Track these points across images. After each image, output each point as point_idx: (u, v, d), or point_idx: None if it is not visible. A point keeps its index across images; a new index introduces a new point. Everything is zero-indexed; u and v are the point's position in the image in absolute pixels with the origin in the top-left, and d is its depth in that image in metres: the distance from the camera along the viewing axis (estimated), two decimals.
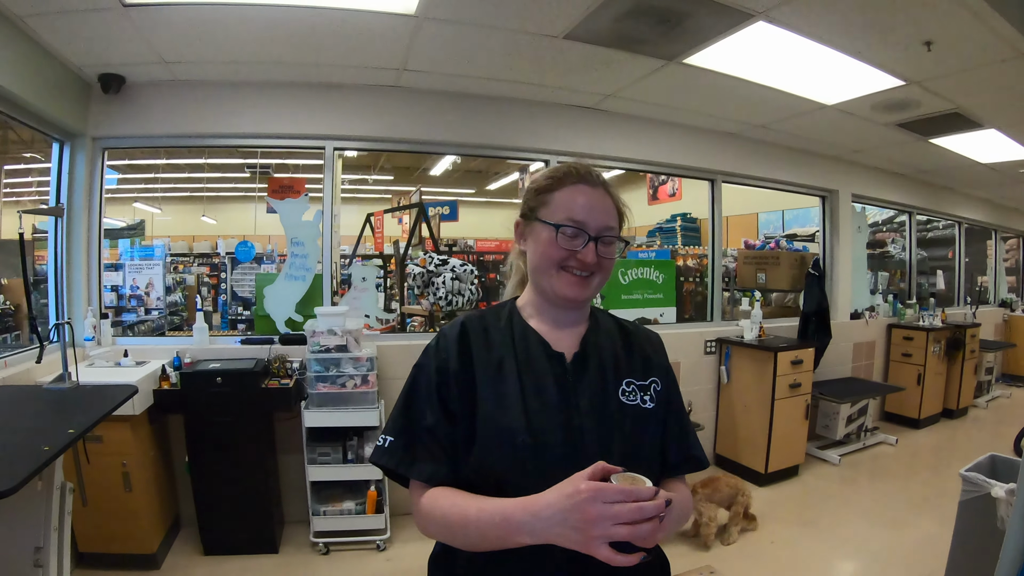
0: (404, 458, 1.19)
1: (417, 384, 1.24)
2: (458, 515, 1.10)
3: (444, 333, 1.29)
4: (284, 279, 4.14)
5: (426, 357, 1.26)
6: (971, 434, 6.60)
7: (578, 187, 1.23)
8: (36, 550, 2.41)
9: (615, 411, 1.21)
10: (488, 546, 1.07)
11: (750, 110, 4.72)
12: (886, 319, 6.96)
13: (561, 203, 1.22)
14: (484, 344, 1.25)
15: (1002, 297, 9.87)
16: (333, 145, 4.20)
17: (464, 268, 4.77)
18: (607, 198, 1.25)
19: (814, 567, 3.66)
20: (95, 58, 3.52)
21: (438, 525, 1.14)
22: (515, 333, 1.27)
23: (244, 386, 3.52)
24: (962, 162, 6.34)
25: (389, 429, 1.23)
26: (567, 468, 1.05)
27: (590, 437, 1.16)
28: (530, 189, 1.30)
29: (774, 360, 4.80)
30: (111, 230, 6.68)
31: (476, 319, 1.30)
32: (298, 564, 3.58)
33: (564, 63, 3.76)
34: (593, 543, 0.92)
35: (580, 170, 1.25)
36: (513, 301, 1.36)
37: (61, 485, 2.54)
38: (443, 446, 1.17)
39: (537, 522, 0.98)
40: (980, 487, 2.50)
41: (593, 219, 1.20)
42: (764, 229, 8.48)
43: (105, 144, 3.97)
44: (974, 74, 3.86)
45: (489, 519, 1.05)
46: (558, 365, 1.23)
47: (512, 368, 1.21)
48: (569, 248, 1.20)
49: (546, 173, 1.29)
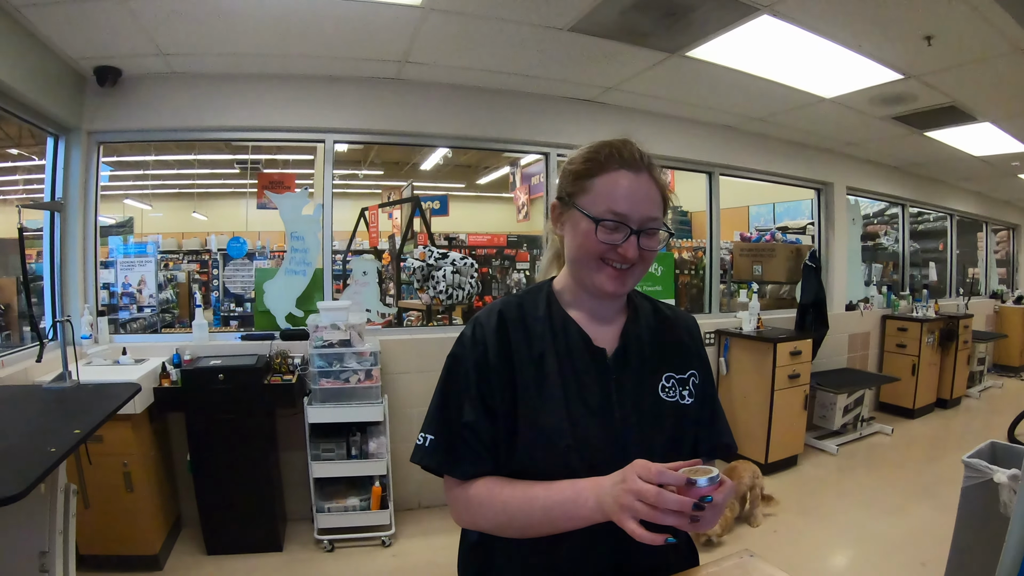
0: (447, 459, 1.15)
1: (454, 377, 1.19)
2: (522, 496, 1.09)
3: (481, 323, 1.22)
4: (284, 274, 4.10)
5: (461, 347, 1.21)
6: (965, 423, 6.67)
7: (621, 173, 1.13)
8: (41, 555, 2.36)
9: (656, 409, 1.19)
10: (551, 526, 1.06)
11: (749, 103, 4.73)
12: (880, 310, 7.01)
13: (602, 191, 1.13)
14: (524, 337, 1.19)
15: (993, 288, 9.97)
16: (332, 138, 4.17)
17: (464, 262, 4.75)
18: (652, 184, 1.16)
19: (817, 555, 3.68)
20: (92, 50, 3.46)
21: (496, 511, 1.11)
22: (555, 324, 1.21)
23: (246, 383, 3.48)
24: (956, 155, 6.40)
25: (428, 426, 1.19)
26: (611, 469, 1.05)
27: (633, 438, 1.14)
28: (567, 171, 1.21)
29: (774, 351, 4.82)
30: (102, 227, 6.59)
31: (514, 307, 1.23)
32: (303, 562, 3.56)
33: (568, 56, 3.75)
34: (622, 514, 0.93)
35: (623, 153, 1.14)
36: (550, 284, 1.30)
37: (65, 487, 2.50)
38: (485, 443, 1.14)
39: (601, 492, 0.99)
40: (982, 473, 2.51)
41: (636, 210, 1.12)
42: (755, 222, 8.50)
43: (100, 138, 3.91)
44: (972, 68, 3.88)
45: (559, 493, 1.05)
46: (600, 361, 1.19)
47: (553, 365, 1.17)
48: (609, 242, 1.12)
49: (585, 153, 1.19)
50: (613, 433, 1.14)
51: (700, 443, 1.25)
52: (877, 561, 3.57)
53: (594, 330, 1.22)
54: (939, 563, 2.70)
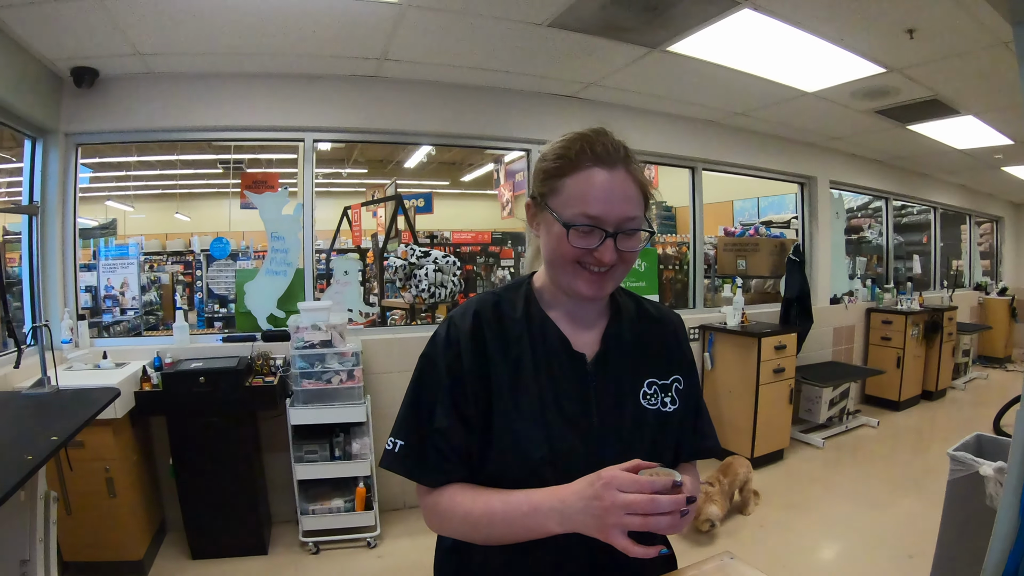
0: (417, 465, 1.12)
1: (426, 379, 1.15)
2: (482, 509, 1.06)
3: (455, 323, 1.16)
4: (265, 274, 4.06)
5: (434, 348, 1.16)
6: (950, 415, 6.71)
7: (593, 171, 1.05)
8: (22, 563, 2.34)
9: (637, 417, 1.15)
10: (514, 538, 1.04)
11: (731, 98, 4.73)
12: (865, 303, 7.05)
13: (574, 192, 1.05)
14: (500, 339, 1.14)
15: (977, 280, 10.04)
16: (312, 137, 4.14)
17: (446, 260, 4.73)
18: (628, 180, 1.07)
19: (804, 549, 3.69)
20: (68, 51, 3.41)
21: (459, 521, 1.09)
22: (533, 326, 1.16)
23: (227, 385, 3.44)
24: (938, 148, 6.43)
25: (398, 430, 1.15)
26: None
27: (610, 448, 1.10)
28: (539, 169, 1.14)
29: (758, 345, 4.83)
30: (84, 229, 6.54)
31: (490, 307, 1.18)
32: (288, 565, 3.53)
33: (547, 52, 3.73)
34: (610, 531, 0.90)
35: (596, 147, 1.06)
36: (530, 281, 1.24)
37: (45, 494, 2.47)
38: (456, 450, 1.10)
39: (564, 508, 0.97)
40: (968, 466, 2.51)
41: (612, 211, 1.04)
42: (739, 217, 8.53)
43: (79, 140, 3.86)
44: (954, 61, 3.90)
45: (516, 509, 1.02)
46: (579, 367, 1.14)
47: (530, 370, 1.12)
48: (584, 246, 1.05)
49: (556, 150, 1.11)
50: (591, 444, 1.10)
51: (682, 447, 1.22)
52: (864, 554, 3.58)
53: (574, 333, 1.18)
54: (926, 556, 2.71)
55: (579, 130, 1.12)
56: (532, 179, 1.18)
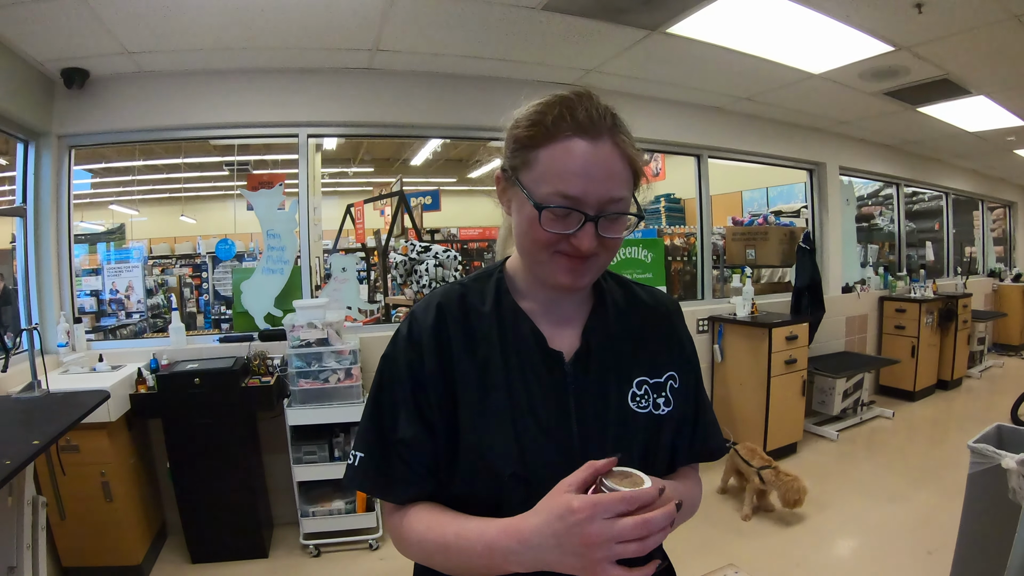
0: (378, 481, 1.00)
1: (386, 384, 1.02)
2: (435, 540, 0.93)
3: (416, 317, 1.03)
4: (261, 273, 4.00)
5: (395, 347, 1.03)
6: (967, 405, 6.57)
7: (573, 142, 0.89)
8: (9, 570, 2.29)
9: (624, 423, 1.01)
10: (477, 574, 0.91)
11: (735, 82, 4.61)
12: (877, 292, 6.91)
13: (549, 167, 0.90)
14: (465, 336, 1.01)
15: (990, 267, 9.87)
16: (307, 132, 4.06)
17: (447, 254, 4.64)
18: (614, 153, 0.91)
19: (819, 545, 3.59)
20: (56, 52, 3.35)
21: (417, 549, 0.97)
22: (504, 321, 1.02)
23: (223, 386, 3.38)
24: (950, 131, 6.29)
25: (358, 442, 1.03)
26: None
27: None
28: (510, 137, 0.98)
29: (769, 336, 4.72)
30: (91, 235, 6.57)
31: (456, 299, 1.04)
32: (289, 568, 3.47)
33: (542, 37, 3.63)
34: (599, 567, 0.77)
35: (577, 113, 0.90)
36: (502, 269, 1.10)
37: (32, 499, 2.42)
38: (423, 461, 0.98)
39: (527, 550, 0.83)
40: (990, 459, 2.41)
41: (593, 190, 0.88)
42: (748, 207, 8.42)
43: (72, 142, 3.82)
44: (965, 38, 3.77)
45: (470, 547, 0.89)
46: (556, 368, 1.00)
47: (500, 373, 0.98)
48: (559, 231, 0.90)
49: (530, 114, 0.94)
50: (570, 456, 0.95)
51: (678, 450, 1.09)
52: (881, 550, 3.47)
53: (551, 327, 1.04)
54: (946, 551, 2.62)
55: (559, 92, 0.96)
56: (504, 146, 1.01)
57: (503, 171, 1.00)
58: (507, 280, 1.08)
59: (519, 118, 0.97)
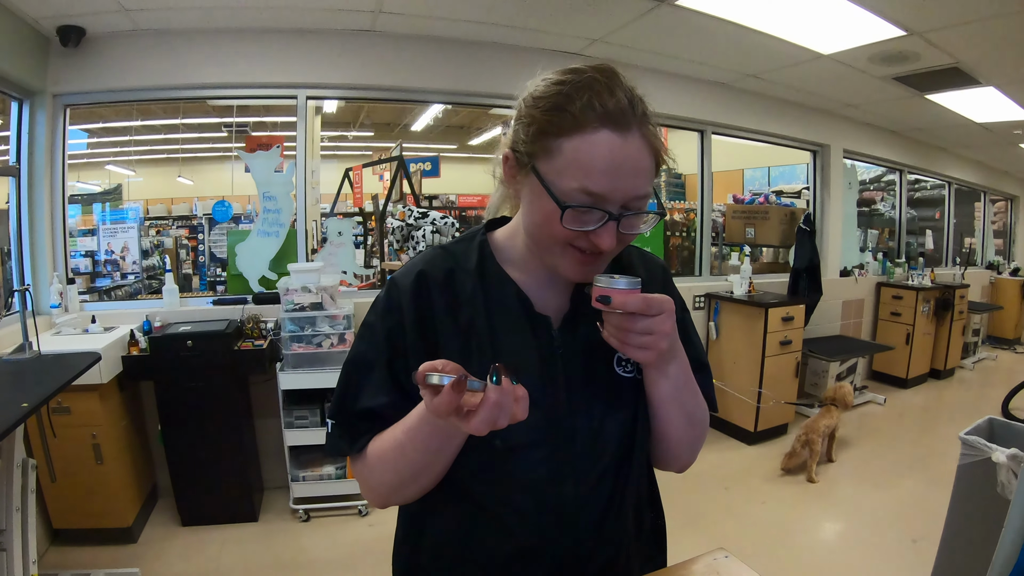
0: (349, 445, 0.98)
1: (363, 353, 0.99)
2: (392, 448, 0.92)
3: (397, 283, 0.99)
4: (256, 235, 3.97)
5: (374, 315, 1.00)
6: (958, 395, 6.60)
7: (601, 135, 0.81)
8: None
9: (610, 388, 0.98)
10: (440, 459, 0.90)
11: (743, 58, 4.54)
12: (875, 277, 6.89)
13: (572, 160, 0.82)
14: (448, 300, 0.97)
15: (989, 259, 9.86)
16: (306, 94, 4.00)
17: (445, 221, 4.60)
18: (643, 148, 0.84)
19: (805, 528, 3.61)
20: (52, 8, 3.27)
21: (380, 470, 0.94)
22: (488, 286, 0.98)
23: (216, 349, 3.36)
24: (957, 120, 6.22)
25: (332, 410, 1.01)
26: (551, 470, 0.92)
27: (580, 431, 0.95)
28: (526, 116, 0.88)
29: (765, 316, 4.71)
30: (87, 195, 6.51)
31: (439, 259, 1.01)
32: (278, 532, 3.48)
33: (549, 4, 3.56)
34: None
35: (607, 102, 0.81)
36: (483, 235, 1.04)
37: (23, 462, 2.40)
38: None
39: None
40: (980, 451, 2.40)
41: (618, 187, 0.82)
42: (750, 185, 8.38)
43: (67, 100, 3.74)
44: (979, 27, 3.70)
45: (418, 428, 0.86)
46: (543, 333, 0.97)
47: (486, 338, 0.95)
48: (578, 228, 0.84)
49: (552, 96, 0.85)
50: (558, 425, 0.94)
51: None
52: (867, 536, 3.49)
53: (537, 290, 0.99)
54: (930, 540, 2.61)
55: (580, 67, 0.86)
56: (515, 125, 0.92)
57: (515, 153, 0.91)
58: (492, 246, 1.03)
59: (536, 96, 0.88)
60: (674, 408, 0.98)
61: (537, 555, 0.95)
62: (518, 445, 0.92)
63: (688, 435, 1.02)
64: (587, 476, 0.95)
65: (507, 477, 0.94)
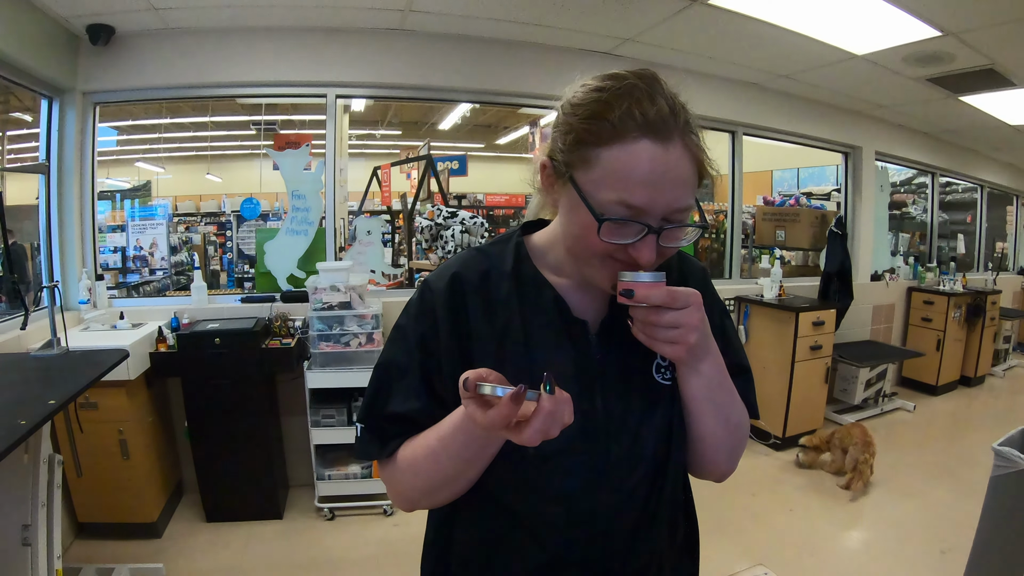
0: (380, 449, 0.96)
1: (395, 356, 0.97)
2: (424, 454, 0.89)
3: (430, 285, 0.97)
4: (285, 234, 3.99)
5: (407, 318, 0.98)
6: (988, 403, 6.46)
7: (641, 145, 0.77)
8: (24, 527, 2.28)
9: (646, 396, 0.94)
10: (473, 467, 0.87)
11: (776, 58, 4.47)
12: (906, 282, 6.76)
13: (611, 171, 0.78)
14: (483, 303, 0.94)
15: (1021, 265, 9.62)
16: (336, 92, 4.00)
17: (474, 220, 4.57)
18: (685, 158, 0.80)
19: (831, 537, 3.55)
20: (82, 7, 3.30)
21: (411, 476, 0.93)
22: (524, 290, 0.95)
23: (243, 347, 3.37)
24: (990, 123, 6.09)
25: (363, 413, 0.99)
26: (585, 479, 0.89)
27: (616, 440, 0.92)
28: (564, 125, 0.85)
29: (795, 321, 4.64)
30: (117, 191, 6.59)
31: (473, 262, 0.98)
32: (303, 530, 3.49)
33: (579, 3, 3.52)
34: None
35: (647, 111, 0.78)
36: (520, 238, 1.01)
37: (49, 458, 2.40)
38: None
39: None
40: (1014, 463, 2.33)
41: (659, 200, 0.78)
42: (779, 187, 8.29)
43: (96, 99, 3.78)
44: (1014, 27, 3.62)
45: (452, 437, 0.84)
46: (580, 339, 0.93)
47: (520, 343, 0.92)
48: (616, 241, 0.81)
49: (590, 104, 0.82)
50: (593, 434, 0.91)
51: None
52: (894, 546, 3.41)
53: (575, 296, 0.96)
54: (959, 551, 2.56)
55: (620, 73, 0.83)
56: (554, 133, 0.88)
57: (552, 162, 0.88)
58: (529, 249, 1.00)
59: (576, 102, 0.85)
60: (708, 407, 0.94)
61: (568, 565, 0.92)
62: (552, 453, 0.86)
63: (726, 439, 0.98)
64: (622, 485, 0.92)
65: (539, 486, 0.91)
